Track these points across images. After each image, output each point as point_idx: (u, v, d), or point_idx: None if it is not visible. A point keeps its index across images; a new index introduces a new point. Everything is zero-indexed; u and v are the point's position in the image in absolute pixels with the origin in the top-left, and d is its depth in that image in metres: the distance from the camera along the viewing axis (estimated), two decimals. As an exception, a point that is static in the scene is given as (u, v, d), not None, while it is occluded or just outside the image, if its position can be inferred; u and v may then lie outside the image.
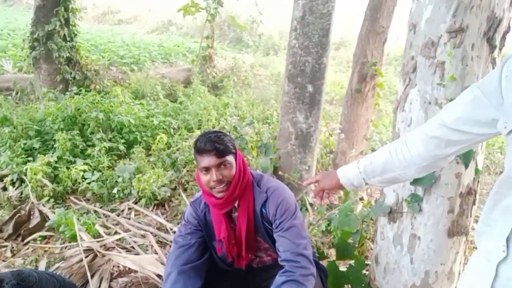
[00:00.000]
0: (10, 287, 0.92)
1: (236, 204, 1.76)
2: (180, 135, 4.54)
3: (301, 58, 3.29)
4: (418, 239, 1.97)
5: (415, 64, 1.90)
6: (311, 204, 3.19)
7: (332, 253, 2.74)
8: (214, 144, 1.59)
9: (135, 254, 2.77)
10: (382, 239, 2.15)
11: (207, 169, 1.62)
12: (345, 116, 4.27)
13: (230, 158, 1.64)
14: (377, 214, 2.13)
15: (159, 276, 2.45)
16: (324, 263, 2.60)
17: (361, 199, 3.85)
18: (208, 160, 1.60)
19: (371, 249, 2.85)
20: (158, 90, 6.45)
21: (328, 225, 2.86)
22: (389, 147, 1.32)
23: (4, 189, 3.62)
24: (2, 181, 3.71)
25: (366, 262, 2.58)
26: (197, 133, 4.63)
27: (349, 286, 2.25)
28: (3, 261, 2.78)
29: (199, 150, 1.62)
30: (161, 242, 2.98)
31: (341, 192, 3.64)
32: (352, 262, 2.27)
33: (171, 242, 2.92)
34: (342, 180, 1.44)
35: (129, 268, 2.56)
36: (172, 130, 4.94)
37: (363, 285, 2.23)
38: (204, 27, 8.47)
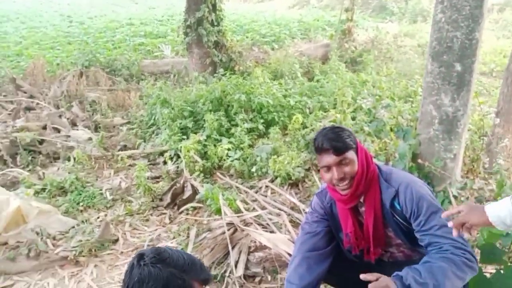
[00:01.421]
0: (149, 260, 1.14)
1: (362, 199, 1.74)
2: (315, 115, 4.58)
3: (448, 33, 2.94)
4: None
5: None
6: (455, 197, 2.91)
7: (476, 252, 2.49)
8: (331, 142, 1.57)
9: (270, 232, 2.97)
10: (540, 247, 1.86)
11: (328, 168, 1.62)
12: (504, 95, 3.70)
13: (350, 155, 1.60)
14: (534, 218, 1.85)
15: (290, 254, 2.59)
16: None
17: (520, 191, 3.35)
18: (327, 159, 1.60)
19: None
20: (296, 68, 6.55)
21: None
22: None
23: (164, 163, 4.24)
24: (162, 156, 4.35)
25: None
26: (332, 112, 4.60)
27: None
28: (163, 226, 3.30)
29: (318, 149, 1.62)
30: (294, 221, 3.13)
31: (493, 184, 3.24)
32: (499, 267, 2.03)
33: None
34: (492, 218, 1.30)
35: (264, 244, 2.76)
36: (307, 110, 5.00)
37: (513, 295, 1.98)
38: (344, -2, 8.19)
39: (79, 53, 7.74)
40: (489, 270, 2.46)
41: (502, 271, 1.99)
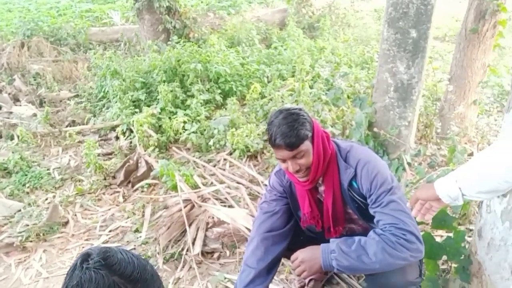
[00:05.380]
0: (93, 263, 1.02)
1: (320, 180, 1.72)
2: (273, 84, 4.48)
3: (404, -2, 2.90)
4: (532, 217, 1.71)
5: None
6: (409, 164, 2.96)
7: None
8: (284, 139, 1.51)
9: (229, 206, 2.92)
10: (488, 212, 1.92)
11: (283, 160, 1.59)
12: (456, 61, 3.74)
13: (304, 146, 1.55)
14: (483, 185, 1.89)
15: (249, 229, 2.56)
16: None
17: (470, 155, 3.47)
18: (281, 154, 1.56)
19: (476, 213, 2.59)
20: (253, 35, 6.36)
21: (429, 185, 2.63)
22: (484, 151, 1.20)
23: (116, 138, 4.04)
24: (114, 130, 4.14)
25: (467, 232, 2.38)
26: (291, 81, 4.52)
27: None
28: (117, 205, 3.17)
29: (271, 142, 1.57)
30: (252, 194, 3.08)
31: (445, 150, 3.33)
32: (449, 233, 2.10)
33: (261, 194, 3.02)
34: (438, 191, 1.32)
35: (222, 220, 2.71)
36: (265, 79, 4.90)
37: (462, 257, 2.06)
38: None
39: (20, 22, 7.09)
40: (442, 233, 2.55)
41: (452, 236, 2.07)
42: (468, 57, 3.63)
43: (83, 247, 2.74)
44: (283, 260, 2.40)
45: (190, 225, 2.69)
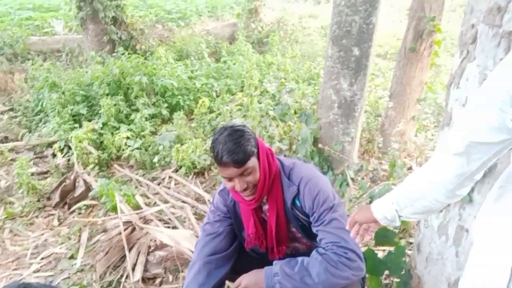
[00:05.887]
0: None
1: (265, 199, 1.67)
2: (222, 99, 4.43)
3: (347, 17, 2.97)
4: (466, 231, 1.77)
5: (475, 34, 1.59)
6: (352, 179, 3.01)
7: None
8: (231, 156, 1.45)
9: (173, 227, 2.80)
10: (426, 227, 1.97)
11: (229, 179, 1.53)
12: (396, 78, 3.90)
13: (251, 163, 1.50)
14: (421, 202, 1.93)
15: (193, 251, 2.46)
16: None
17: (410, 169, 3.60)
18: (228, 172, 1.49)
19: (416, 226, 2.67)
20: (202, 48, 6.31)
21: (370, 202, 2.68)
22: (417, 171, 1.19)
23: (53, 156, 3.78)
24: (51, 147, 3.87)
25: (407, 246, 2.44)
26: (239, 96, 4.50)
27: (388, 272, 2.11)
28: (51, 229, 2.94)
29: (217, 160, 1.50)
30: (198, 214, 2.99)
31: (386, 165, 3.43)
32: (391, 248, 2.13)
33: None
34: (375, 213, 1.30)
35: (165, 243, 2.59)
36: (214, 93, 4.84)
37: (402, 272, 2.10)
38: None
39: (-50, 28, 6.62)
40: (385, 248, 2.59)
41: (393, 251, 2.10)
42: (407, 74, 3.78)
43: (10, 278, 2.50)
44: (228, 283, 2.33)
45: (130, 249, 2.54)
